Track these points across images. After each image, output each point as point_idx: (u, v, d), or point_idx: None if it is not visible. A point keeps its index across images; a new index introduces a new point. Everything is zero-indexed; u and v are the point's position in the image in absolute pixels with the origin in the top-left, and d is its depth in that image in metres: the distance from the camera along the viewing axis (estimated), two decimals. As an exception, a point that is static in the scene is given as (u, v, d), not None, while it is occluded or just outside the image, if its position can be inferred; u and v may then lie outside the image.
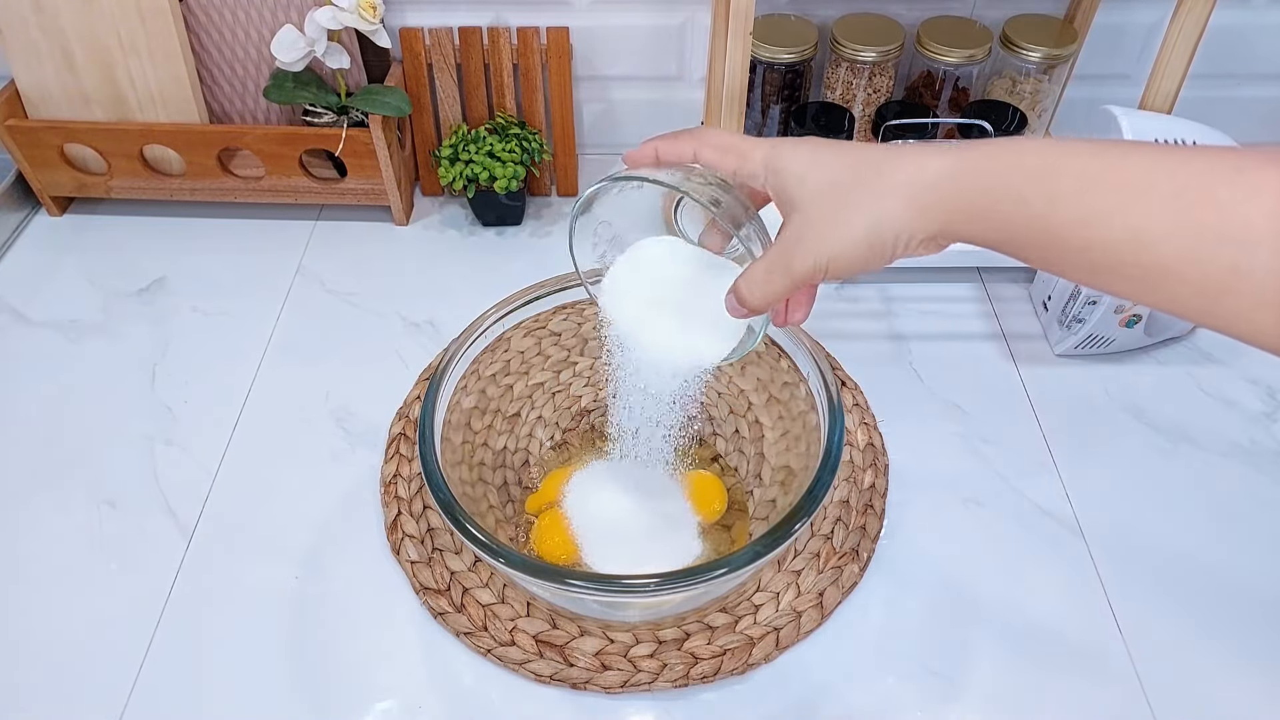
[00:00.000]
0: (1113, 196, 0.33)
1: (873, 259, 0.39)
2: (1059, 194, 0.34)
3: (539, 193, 0.92)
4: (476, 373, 0.63)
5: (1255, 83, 0.92)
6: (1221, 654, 0.57)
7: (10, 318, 0.80)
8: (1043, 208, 0.34)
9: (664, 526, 0.61)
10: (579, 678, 0.56)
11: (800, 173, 0.40)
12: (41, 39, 0.80)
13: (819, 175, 0.40)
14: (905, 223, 0.38)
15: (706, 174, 0.45)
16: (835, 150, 0.40)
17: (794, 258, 0.40)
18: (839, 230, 0.39)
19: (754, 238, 0.45)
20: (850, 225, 0.39)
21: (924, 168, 0.38)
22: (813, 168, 0.40)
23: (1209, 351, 0.76)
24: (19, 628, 0.59)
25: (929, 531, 0.64)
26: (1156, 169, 0.33)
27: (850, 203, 0.39)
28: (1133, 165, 0.33)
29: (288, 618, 0.59)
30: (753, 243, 0.44)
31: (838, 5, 0.85)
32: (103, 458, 0.69)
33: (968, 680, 0.56)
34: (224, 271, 0.84)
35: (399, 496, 0.65)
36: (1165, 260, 0.32)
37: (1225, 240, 0.30)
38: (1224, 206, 0.31)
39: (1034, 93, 0.83)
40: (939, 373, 0.75)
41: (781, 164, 0.41)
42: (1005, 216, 0.36)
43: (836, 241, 0.39)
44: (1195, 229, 0.31)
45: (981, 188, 0.36)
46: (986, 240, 0.37)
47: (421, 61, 0.85)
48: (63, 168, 0.85)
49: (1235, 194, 0.31)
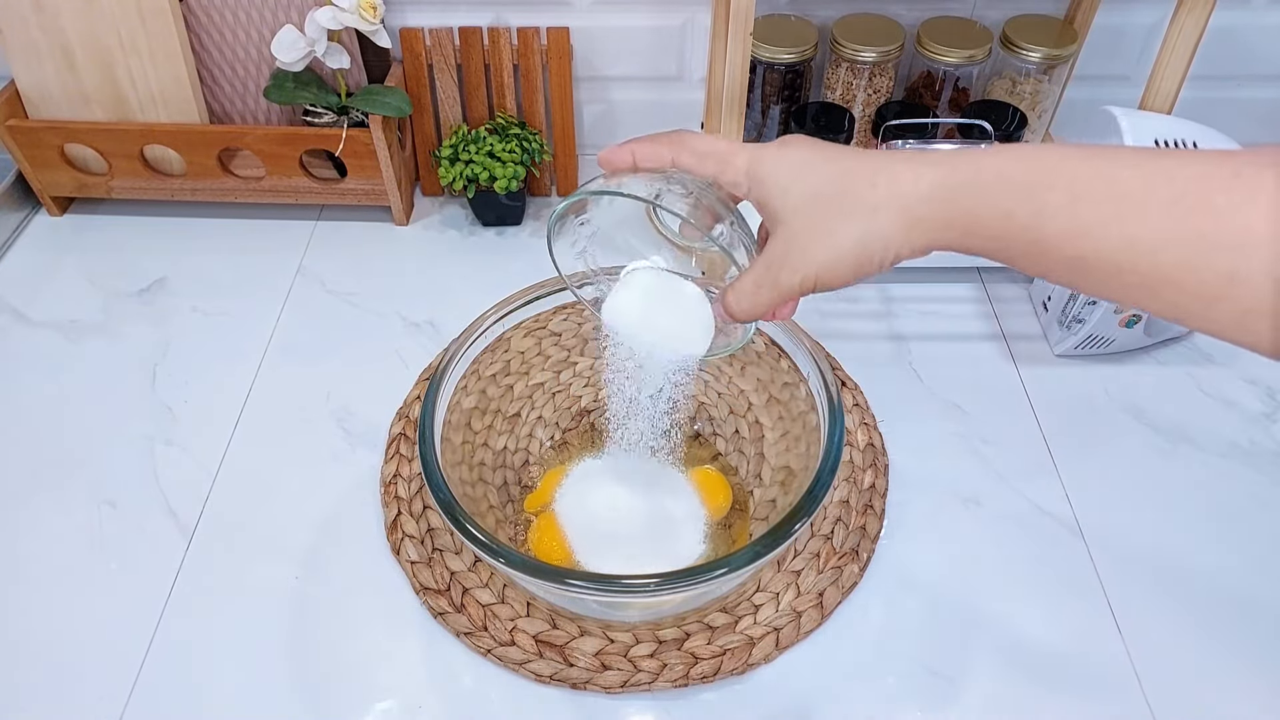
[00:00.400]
0: (1106, 207, 0.33)
1: (861, 272, 0.39)
2: (1048, 206, 0.34)
3: (539, 193, 0.92)
4: (476, 373, 0.63)
5: (1255, 83, 0.92)
6: (1221, 654, 0.57)
7: (10, 318, 0.80)
8: (1031, 220, 0.34)
9: (665, 525, 0.61)
10: (579, 678, 0.56)
11: (784, 183, 0.39)
12: (42, 39, 0.80)
13: (803, 187, 0.39)
14: (894, 236, 0.37)
15: (685, 179, 0.44)
16: (820, 157, 0.39)
17: (781, 272, 0.40)
18: (826, 243, 0.38)
19: (736, 243, 0.44)
20: (837, 238, 0.38)
21: (916, 179, 0.37)
22: (796, 179, 0.39)
23: (1209, 352, 0.76)
24: (19, 628, 0.59)
25: (929, 531, 0.64)
26: (1151, 176, 0.32)
27: (837, 215, 0.38)
28: (1125, 172, 0.33)
29: (288, 618, 0.59)
30: (735, 249, 0.44)
31: (838, 5, 0.85)
32: (103, 458, 0.69)
33: (968, 680, 0.56)
34: (224, 271, 0.84)
35: (399, 496, 0.65)
36: (1162, 269, 0.31)
37: (1222, 247, 0.30)
38: (1221, 213, 0.30)
39: (1034, 93, 0.83)
40: (939, 373, 0.75)
41: (764, 172, 0.40)
42: (994, 231, 0.35)
43: (824, 255, 0.39)
44: (1193, 236, 0.31)
45: (966, 205, 0.36)
46: (977, 251, 0.37)
47: (422, 62, 0.85)
48: (63, 168, 0.85)
49: (1233, 199, 0.30)
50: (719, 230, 0.44)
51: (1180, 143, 0.63)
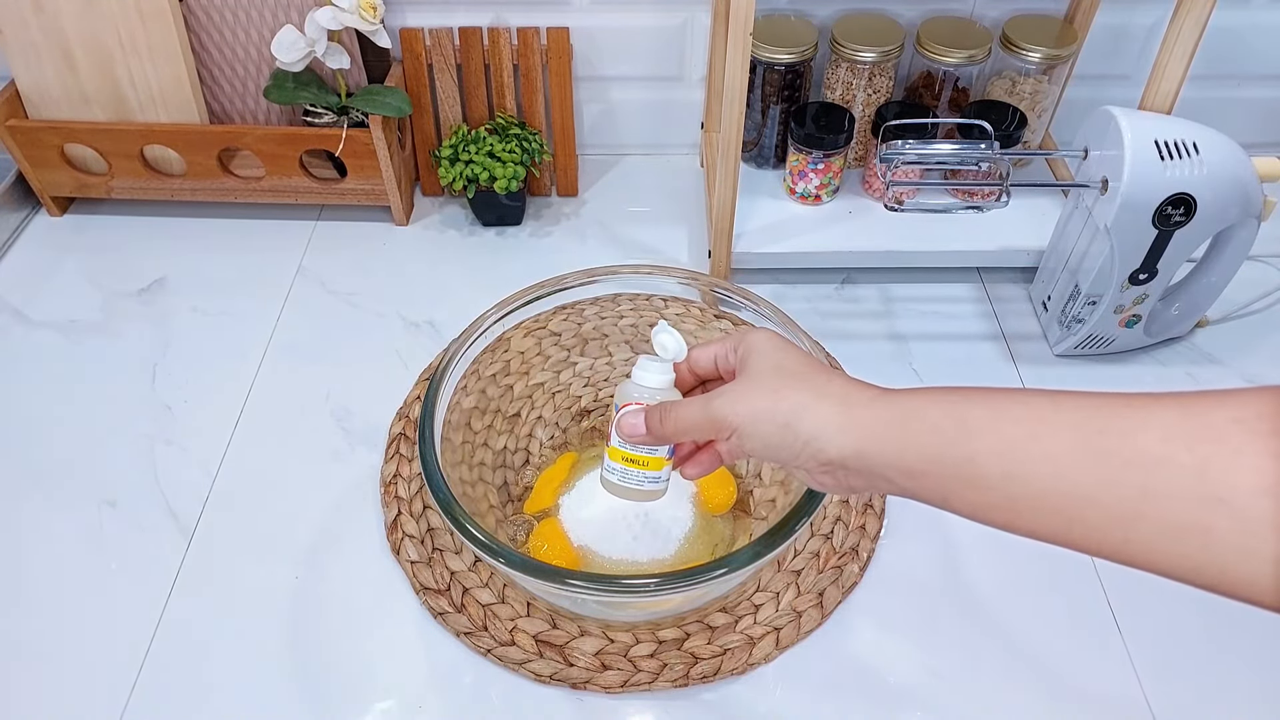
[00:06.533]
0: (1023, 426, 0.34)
1: (782, 441, 0.40)
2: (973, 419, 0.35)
3: (539, 193, 0.92)
4: (476, 373, 0.63)
5: (1255, 83, 0.92)
6: (1218, 647, 0.57)
7: (10, 318, 0.80)
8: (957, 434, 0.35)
9: (657, 522, 0.61)
10: (579, 678, 0.56)
11: (764, 350, 0.43)
12: (42, 39, 0.80)
13: (777, 357, 0.43)
14: (829, 423, 0.39)
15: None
16: (797, 349, 0.44)
17: (715, 399, 0.43)
18: (767, 398, 0.41)
19: None
20: (777, 400, 0.40)
21: (866, 389, 0.40)
22: (774, 351, 0.43)
23: (1209, 351, 0.76)
24: (19, 628, 0.59)
25: (929, 531, 0.64)
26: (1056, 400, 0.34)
27: (788, 385, 0.41)
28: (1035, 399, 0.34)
29: (288, 617, 0.59)
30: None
31: (838, 5, 0.85)
32: (103, 458, 0.69)
33: (967, 681, 0.56)
34: (224, 271, 0.84)
35: (399, 496, 0.65)
36: (1081, 488, 0.32)
37: (1130, 465, 0.30)
38: (1124, 434, 0.31)
39: (1034, 93, 0.83)
40: (939, 373, 0.75)
41: (752, 340, 0.44)
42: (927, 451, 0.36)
43: (758, 405, 0.41)
44: (1102, 455, 0.31)
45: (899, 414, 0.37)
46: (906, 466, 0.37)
47: (422, 62, 0.85)
48: (63, 168, 0.85)
49: (1131, 423, 0.31)
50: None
51: (1180, 143, 0.63)
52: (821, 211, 0.85)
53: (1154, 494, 0.30)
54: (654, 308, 0.69)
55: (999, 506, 0.34)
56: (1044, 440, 0.33)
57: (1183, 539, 0.29)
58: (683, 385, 0.49)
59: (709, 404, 0.43)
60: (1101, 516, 0.31)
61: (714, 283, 0.63)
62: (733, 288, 0.62)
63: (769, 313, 0.60)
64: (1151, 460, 0.30)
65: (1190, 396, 0.31)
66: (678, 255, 0.86)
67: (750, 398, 0.41)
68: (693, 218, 0.90)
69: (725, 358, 0.47)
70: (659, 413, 0.46)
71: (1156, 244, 0.66)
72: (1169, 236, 0.66)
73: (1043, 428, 0.33)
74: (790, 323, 0.59)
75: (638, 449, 0.48)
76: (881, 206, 0.84)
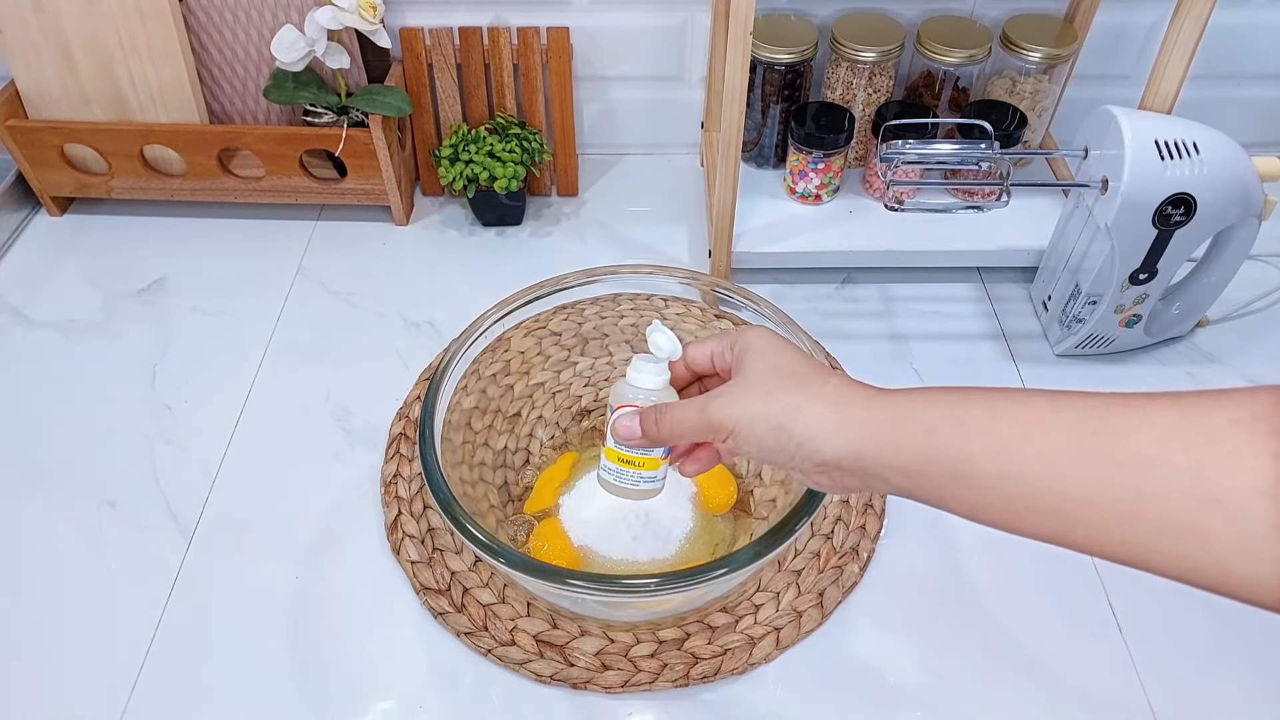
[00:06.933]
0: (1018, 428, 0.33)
1: (775, 445, 0.40)
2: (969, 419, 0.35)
3: (539, 193, 0.92)
4: (477, 373, 0.63)
5: (1255, 83, 0.92)
6: (1219, 647, 0.57)
7: (10, 318, 0.80)
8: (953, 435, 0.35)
9: (657, 521, 0.61)
10: (579, 678, 0.56)
11: (760, 349, 0.43)
12: (42, 39, 0.80)
13: (773, 357, 0.43)
14: (823, 424, 0.38)
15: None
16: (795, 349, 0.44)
17: (710, 401, 0.42)
18: (760, 400, 0.41)
19: None
20: (772, 402, 0.40)
21: (862, 389, 0.40)
22: (770, 351, 0.43)
23: (1209, 351, 0.76)
24: (19, 628, 0.59)
25: (929, 531, 0.64)
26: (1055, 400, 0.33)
27: (784, 386, 0.41)
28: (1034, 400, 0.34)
29: (288, 617, 0.59)
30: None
31: (838, 5, 0.85)
32: (103, 458, 0.69)
33: (967, 681, 0.56)
34: (224, 271, 0.84)
35: (399, 496, 0.65)
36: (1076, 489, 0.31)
37: (1124, 466, 0.30)
38: (1117, 435, 0.31)
39: (1034, 93, 0.83)
40: (939, 372, 0.75)
41: (748, 339, 0.44)
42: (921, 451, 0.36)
43: (754, 408, 0.41)
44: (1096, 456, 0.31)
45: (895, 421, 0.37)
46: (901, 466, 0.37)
47: (421, 61, 0.85)
48: (63, 168, 0.85)
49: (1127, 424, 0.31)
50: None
51: (1180, 142, 0.63)
52: (821, 211, 0.85)
53: (1149, 495, 0.30)
54: (654, 307, 0.69)
55: (995, 506, 0.34)
56: (1038, 441, 0.33)
57: (1181, 540, 0.29)
58: (679, 382, 0.49)
59: (705, 407, 0.42)
60: (1099, 517, 0.31)
61: (714, 282, 0.63)
62: (733, 287, 0.62)
63: (769, 312, 0.60)
64: (1146, 461, 0.30)
65: (1188, 397, 0.31)
66: (678, 255, 0.86)
67: (745, 400, 0.41)
68: (693, 217, 0.90)
69: (721, 355, 0.46)
70: (654, 416, 0.45)
71: (1157, 244, 0.66)
72: (1169, 236, 0.66)
73: (1038, 429, 0.33)
74: (790, 322, 0.59)
75: (633, 450, 0.48)
76: (882, 206, 0.84)
